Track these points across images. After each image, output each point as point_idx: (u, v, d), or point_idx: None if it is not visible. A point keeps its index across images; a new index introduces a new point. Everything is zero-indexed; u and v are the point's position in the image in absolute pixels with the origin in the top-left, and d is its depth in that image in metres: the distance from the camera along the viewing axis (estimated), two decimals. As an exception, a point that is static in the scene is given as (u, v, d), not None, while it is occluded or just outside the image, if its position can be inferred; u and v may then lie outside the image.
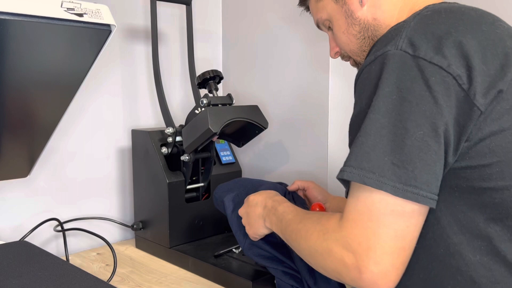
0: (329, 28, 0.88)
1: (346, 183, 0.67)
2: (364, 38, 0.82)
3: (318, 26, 0.92)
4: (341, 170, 0.65)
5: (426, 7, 0.71)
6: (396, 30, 0.68)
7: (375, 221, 0.61)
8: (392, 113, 0.62)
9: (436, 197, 0.62)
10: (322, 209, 1.04)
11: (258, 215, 0.89)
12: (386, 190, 0.60)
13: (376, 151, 0.62)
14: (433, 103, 0.61)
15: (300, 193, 1.08)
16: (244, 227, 0.97)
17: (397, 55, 0.64)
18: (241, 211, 0.95)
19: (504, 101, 0.62)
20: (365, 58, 0.71)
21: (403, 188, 0.60)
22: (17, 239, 1.16)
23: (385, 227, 0.61)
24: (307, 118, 1.36)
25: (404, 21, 0.69)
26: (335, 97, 1.30)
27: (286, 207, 0.83)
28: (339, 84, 1.30)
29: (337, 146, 1.32)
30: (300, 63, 1.36)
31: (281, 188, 1.05)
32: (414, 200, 0.60)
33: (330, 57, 1.28)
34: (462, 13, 0.69)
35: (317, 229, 0.69)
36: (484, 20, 0.69)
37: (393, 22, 0.77)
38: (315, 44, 1.30)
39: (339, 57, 0.93)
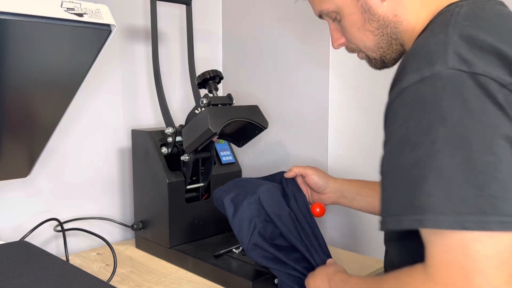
0: (335, 19, 0.82)
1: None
2: (383, 35, 0.77)
3: (320, 16, 0.86)
4: (430, 219, 0.56)
5: (455, 10, 0.67)
6: (437, 45, 0.61)
7: (473, 257, 0.54)
8: (473, 141, 0.55)
9: None
10: (322, 209, 1.04)
11: None
12: (492, 229, 0.54)
13: (468, 188, 0.55)
14: (510, 121, 0.56)
15: (299, 179, 1.07)
16: (245, 227, 0.97)
17: (453, 76, 0.57)
18: None
19: None
20: (402, 75, 0.63)
21: (510, 220, 0.54)
22: (17, 239, 1.16)
23: (486, 259, 0.54)
24: (307, 118, 1.36)
25: (443, 33, 0.63)
26: (335, 97, 1.30)
27: (356, 279, 0.77)
28: (339, 84, 1.29)
29: (337, 146, 1.32)
30: (300, 63, 1.36)
31: (279, 188, 1.05)
32: None
33: (330, 57, 1.30)
34: (499, 22, 0.65)
35: None
36: None
37: (413, 19, 0.74)
38: (315, 44, 1.30)
39: (339, 56, 0.91)
